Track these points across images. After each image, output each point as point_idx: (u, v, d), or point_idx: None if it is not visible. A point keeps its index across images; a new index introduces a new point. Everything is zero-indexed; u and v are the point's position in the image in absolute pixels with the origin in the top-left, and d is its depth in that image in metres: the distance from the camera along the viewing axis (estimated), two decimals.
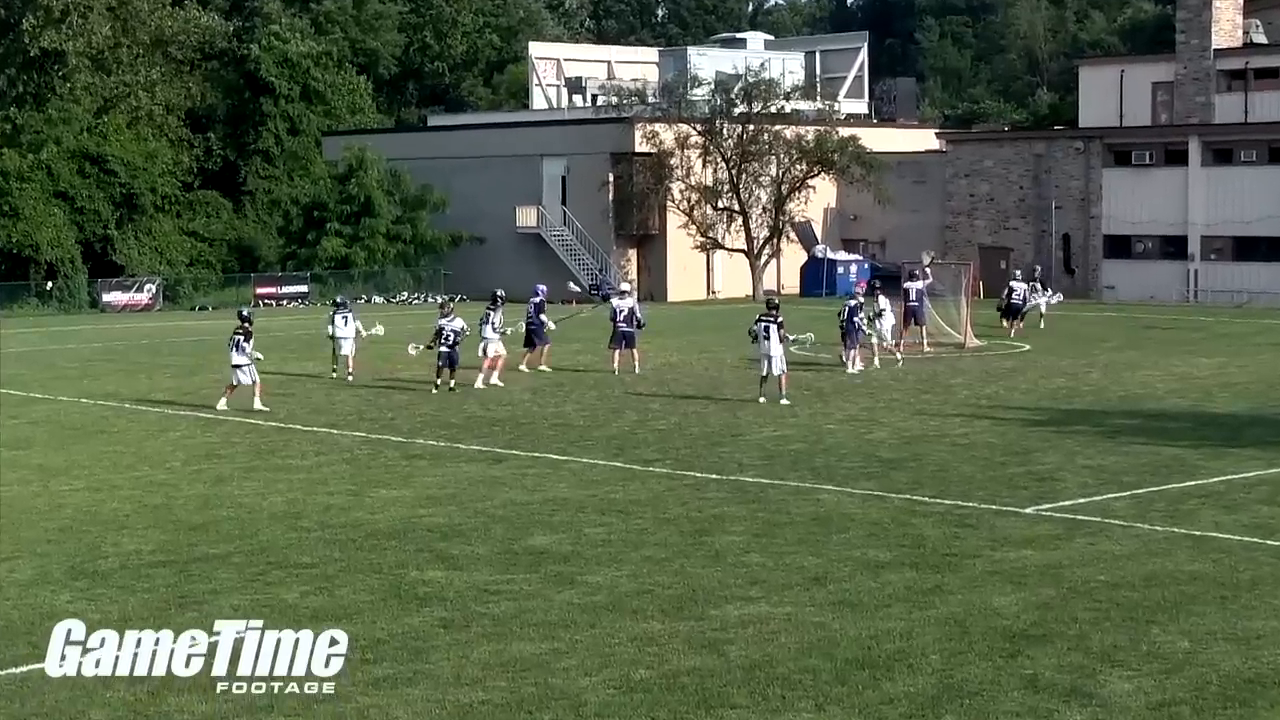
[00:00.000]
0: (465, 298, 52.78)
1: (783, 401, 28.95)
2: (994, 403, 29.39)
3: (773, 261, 67.23)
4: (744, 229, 65.71)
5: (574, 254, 66.98)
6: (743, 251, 65.87)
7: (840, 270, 65.81)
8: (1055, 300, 48.00)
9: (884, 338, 36.44)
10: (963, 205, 66.52)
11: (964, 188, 66.51)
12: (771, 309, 29.88)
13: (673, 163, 64.88)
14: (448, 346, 31.33)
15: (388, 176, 69.55)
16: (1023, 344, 41.61)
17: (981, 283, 53.30)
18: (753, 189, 65.52)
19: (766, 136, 64.94)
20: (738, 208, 65.60)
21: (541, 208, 68.36)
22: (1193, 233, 60.31)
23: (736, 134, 65.26)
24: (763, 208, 65.77)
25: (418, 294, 68.56)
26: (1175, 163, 60.88)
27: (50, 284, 65.46)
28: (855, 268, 65.53)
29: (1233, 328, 47.24)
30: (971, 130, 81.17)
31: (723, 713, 11.42)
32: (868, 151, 64.67)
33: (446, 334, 31.34)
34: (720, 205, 65.79)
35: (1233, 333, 45.47)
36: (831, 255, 66.97)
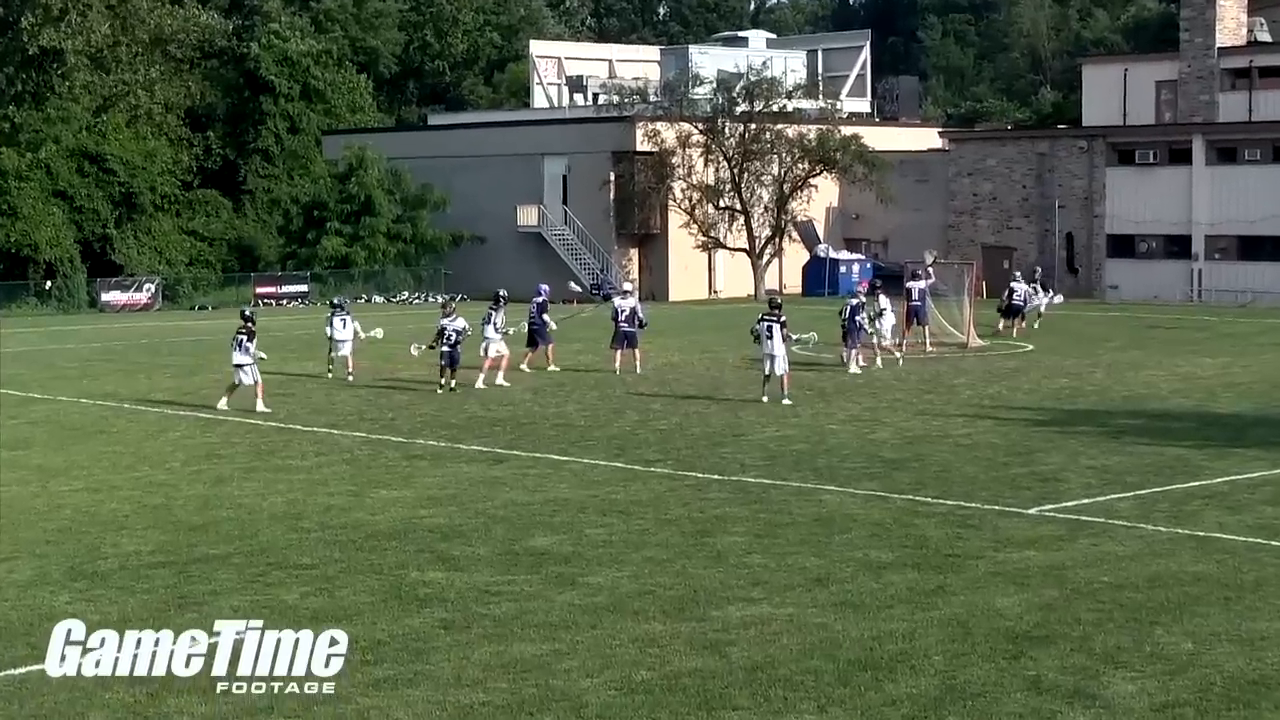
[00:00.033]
0: (466, 297, 52.80)
1: (785, 401, 28.89)
2: (997, 403, 29.34)
3: (775, 261, 67.22)
4: (746, 228, 65.70)
5: (575, 253, 66.93)
6: (744, 251, 65.85)
7: (842, 270, 65.72)
8: (1056, 301, 47.97)
9: (884, 337, 36.40)
10: (965, 204, 66.44)
11: (967, 187, 66.42)
12: (774, 308, 29.83)
13: (674, 162, 64.87)
14: (449, 346, 31.28)
15: (388, 176, 69.52)
16: (1025, 344, 41.57)
17: (984, 282, 53.21)
18: (754, 188, 65.51)
19: (768, 135, 64.94)
20: (739, 207, 65.59)
21: (542, 207, 68.30)
22: (1197, 232, 60.25)
23: (738, 133, 65.26)
24: (764, 207, 65.77)
25: (418, 294, 68.54)
26: (1179, 162, 60.81)
27: (49, 283, 65.38)
28: (857, 267, 65.44)
29: (1237, 327, 47.18)
30: (974, 129, 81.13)
31: (724, 714, 11.38)
32: (870, 150, 64.67)
33: (449, 334, 31.29)
34: (722, 204, 65.75)
35: (1237, 332, 45.40)
36: (834, 255, 66.89)
